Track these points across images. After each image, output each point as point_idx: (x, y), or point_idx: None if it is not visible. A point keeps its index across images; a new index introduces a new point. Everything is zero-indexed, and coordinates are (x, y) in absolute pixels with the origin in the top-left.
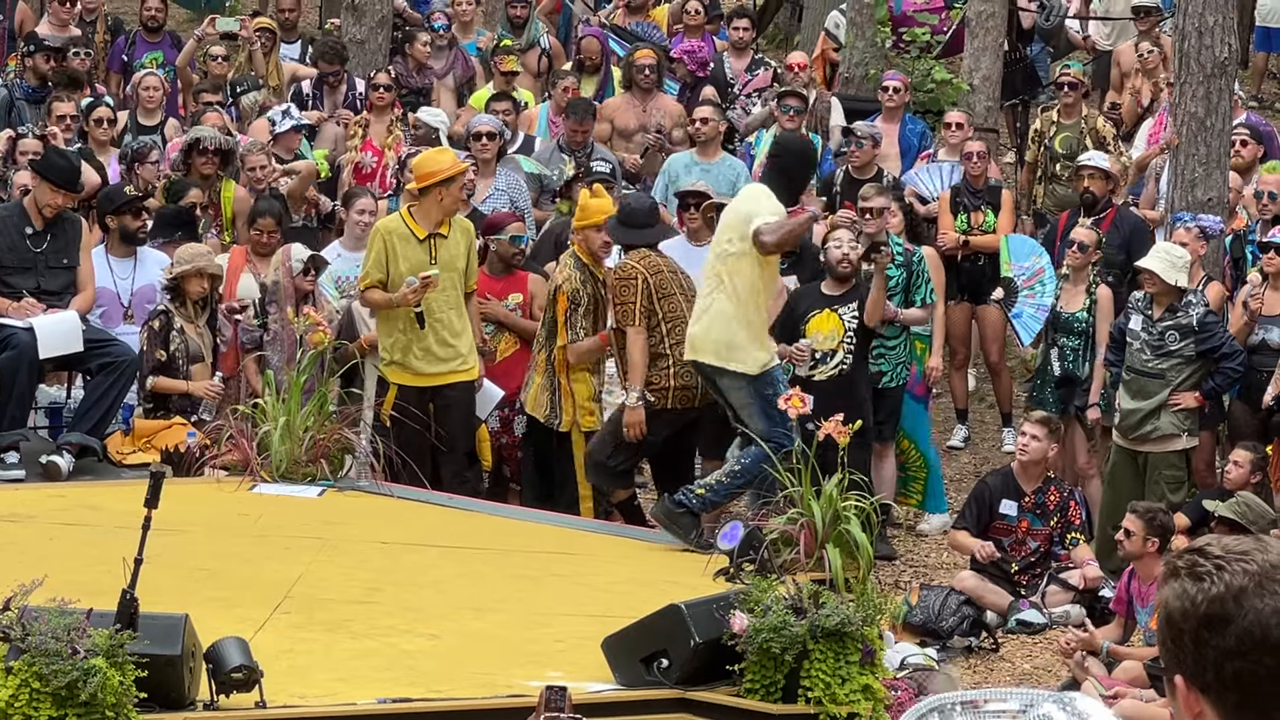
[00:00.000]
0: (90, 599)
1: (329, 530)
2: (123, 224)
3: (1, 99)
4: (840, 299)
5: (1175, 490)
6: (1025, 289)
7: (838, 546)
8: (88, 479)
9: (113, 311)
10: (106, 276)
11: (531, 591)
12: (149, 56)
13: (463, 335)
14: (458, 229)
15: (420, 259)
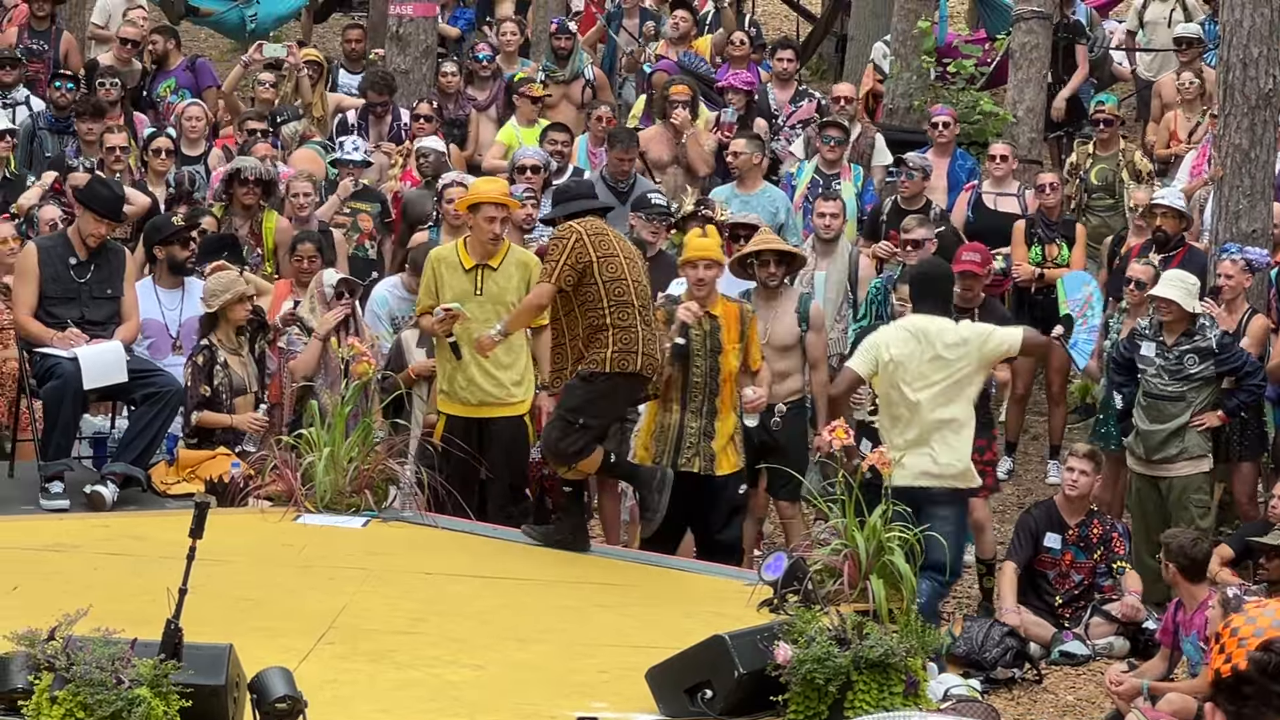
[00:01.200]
0: (135, 629)
1: (373, 561)
2: (171, 254)
3: (25, 128)
4: None
5: (1204, 516)
6: (1079, 318)
7: (881, 578)
8: (132, 509)
9: (160, 342)
10: (154, 307)
11: (575, 622)
12: (164, 85)
13: (511, 368)
14: (513, 262)
15: (464, 289)
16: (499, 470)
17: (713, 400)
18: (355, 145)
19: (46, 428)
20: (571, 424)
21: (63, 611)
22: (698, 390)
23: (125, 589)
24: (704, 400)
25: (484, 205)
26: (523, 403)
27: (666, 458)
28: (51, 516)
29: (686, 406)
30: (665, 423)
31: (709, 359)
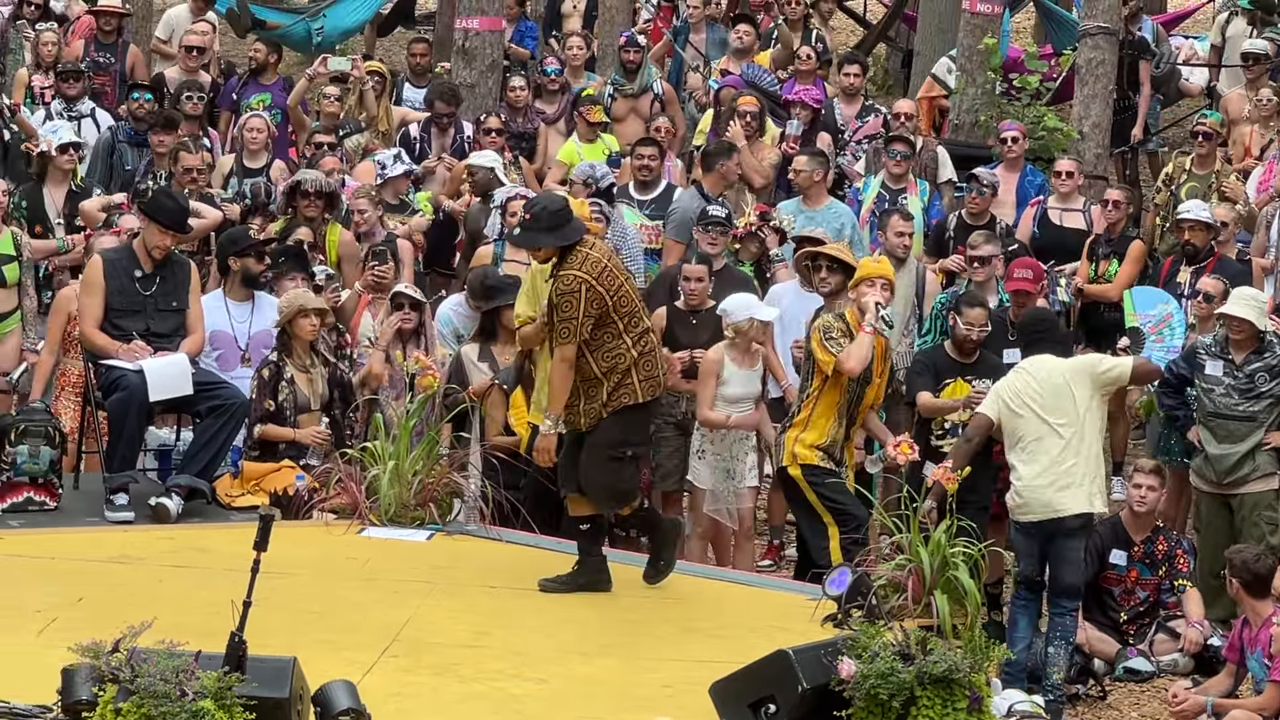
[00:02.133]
0: (199, 641)
1: (437, 574)
2: (245, 267)
3: (104, 142)
4: (972, 368)
5: (1273, 533)
6: (1152, 335)
7: (946, 593)
8: (196, 521)
9: (229, 355)
10: (224, 320)
11: (639, 636)
12: (256, 98)
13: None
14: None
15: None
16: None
17: (849, 429)
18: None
19: (111, 440)
20: (620, 459)
21: (127, 624)
22: (842, 416)
23: (190, 601)
24: (843, 428)
25: None
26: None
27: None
28: (116, 529)
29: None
30: (833, 440)
31: (857, 386)
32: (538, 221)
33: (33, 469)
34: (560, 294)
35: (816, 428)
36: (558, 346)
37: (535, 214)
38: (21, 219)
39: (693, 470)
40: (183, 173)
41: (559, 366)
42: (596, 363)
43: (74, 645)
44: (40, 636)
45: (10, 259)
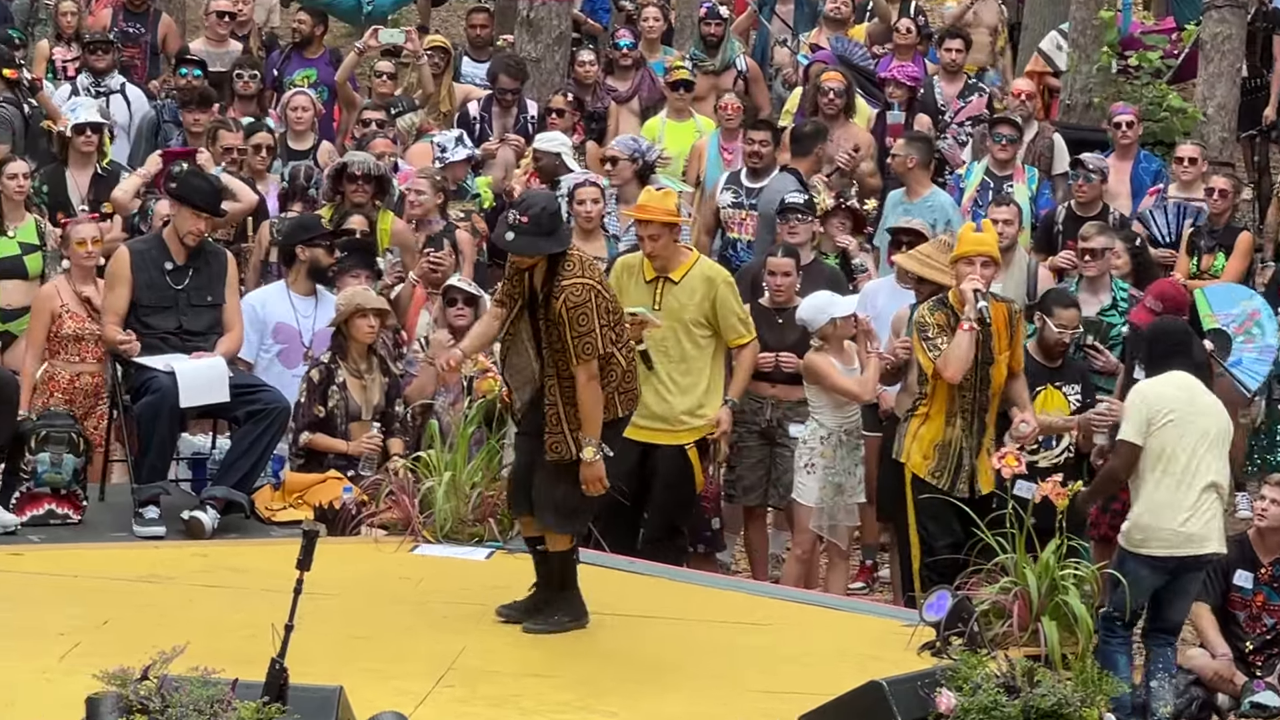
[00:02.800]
0: (235, 668)
1: (497, 596)
2: (315, 258)
3: (148, 120)
4: (1060, 373)
5: None
6: (1239, 335)
7: (1054, 619)
8: (233, 537)
9: (293, 350)
10: (288, 312)
11: (719, 665)
12: (301, 74)
13: (687, 393)
14: (697, 277)
15: (643, 300)
16: (658, 504)
17: (981, 416)
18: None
19: (141, 448)
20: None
21: (157, 649)
22: (966, 405)
23: (225, 625)
24: (973, 417)
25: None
26: (689, 431)
27: (946, 477)
28: (145, 544)
29: (963, 425)
30: (948, 437)
31: (978, 370)
32: (537, 225)
33: (55, 479)
34: (573, 307)
35: (934, 423)
36: (580, 366)
37: (534, 216)
38: (43, 205)
39: (799, 487)
40: (222, 152)
41: (587, 386)
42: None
43: (99, 672)
44: (62, 662)
45: (34, 248)
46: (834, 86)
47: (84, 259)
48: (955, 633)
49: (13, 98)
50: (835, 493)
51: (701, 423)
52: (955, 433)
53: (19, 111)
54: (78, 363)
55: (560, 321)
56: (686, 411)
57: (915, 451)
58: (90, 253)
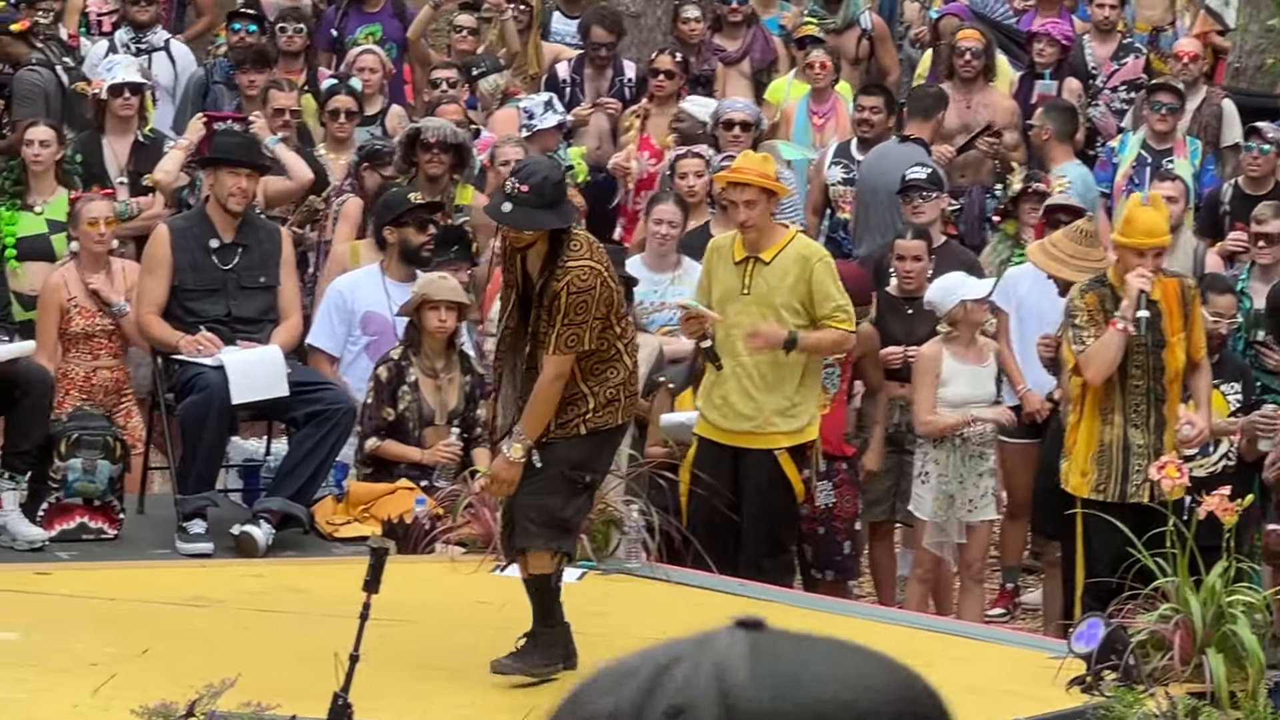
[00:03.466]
0: (293, 704)
1: (590, 622)
2: (404, 238)
3: (197, 81)
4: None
5: None
6: None
7: (1221, 651)
8: (290, 555)
9: (384, 343)
10: (381, 300)
11: None
12: (364, 31)
13: (776, 391)
14: (791, 255)
15: (731, 284)
16: (754, 514)
17: (1159, 409)
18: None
19: (185, 453)
20: (577, 483)
21: (204, 681)
22: (1140, 397)
23: (282, 654)
24: (1149, 410)
25: (729, 187)
26: (782, 435)
27: (1113, 486)
28: (191, 563)
29: (1129, 419)
30: (1106, 439)
31: (1149, 356)
32: (539, 195)
33: (88, 488)
34: (575, 293)
35: (1088, 428)
36: (555, 357)
37: (535, 185)
38: (76, 177)
39: (915, 498)
40: (273, 115)
41: (553, 383)
42: (585, 375)
43: (138, 707)
44: (96, 696)
45: (63, 227)
46: (971, 46)
47: (94, 242)
48: (1108, 666)
49: (45, 59)
50: (948, 505)
51: (795, 425)
52: (1115, 433)
53: (53, 75)
54: (91, 359)
55: (556, 307)
56: (777, 411)
57: (1073, 472)
58: (103, 235)
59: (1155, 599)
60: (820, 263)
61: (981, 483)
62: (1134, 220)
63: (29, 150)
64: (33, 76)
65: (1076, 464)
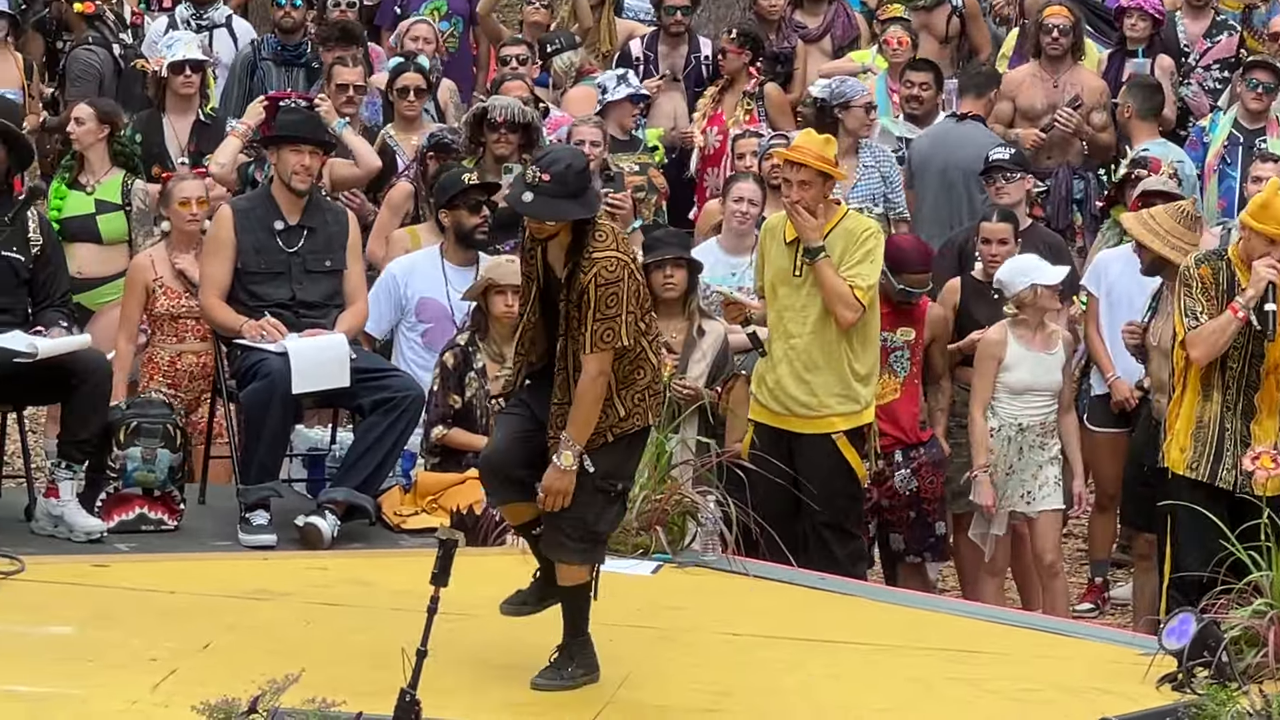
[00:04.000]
0: (359, 701)
1: (665, 617)
2: (456, 221)
3: (244, 59)
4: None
5: None
6: None
7: None
8: (356, 547)
9: (442, 331)
10: (439, 286)
11: (923, 700)
12: (429, 5)
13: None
14: (840, 233)
15: (782, 265)
16: (816, 501)
17: (1251, 395)
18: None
19: (247, 442)
20: (609, 493)
21: (267, 677)
22: (1233, 381)
23: (347, 649)
24: (1238, 395)
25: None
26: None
27: (1205, 465)
28: (253, 555)
29: (1225, 400)
30: (1205, 416)
31: (1251, 341)
32: (561, 184)
33: (147, 478)
34: (604, 285)
35: (1189, 401)
36: (594, 355)
37: (557, 174)
38: (135, 157)
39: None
40: (336, 90)
41: (595, 381)
42: (615, 375)
43: (199, 704)
44: (156, 692)
45: (113, 208)
46: (1059, 23)
47: (187, 222)
48: (1200, 663)
49: (101, 37)
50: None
51: (852, 407)
52: (1214, 409)
53: (109, 54)
54: (176, 342)
55: (585, 302)
56: (832, 393)
57: (1174, 446)
58: (195, 215)
59: (1249, 594)
60: (866, 233)
61: (1042, 473)
62: (1271, 206)
63: (76, 128)
64: (88, 56)
65: (1177, 439)
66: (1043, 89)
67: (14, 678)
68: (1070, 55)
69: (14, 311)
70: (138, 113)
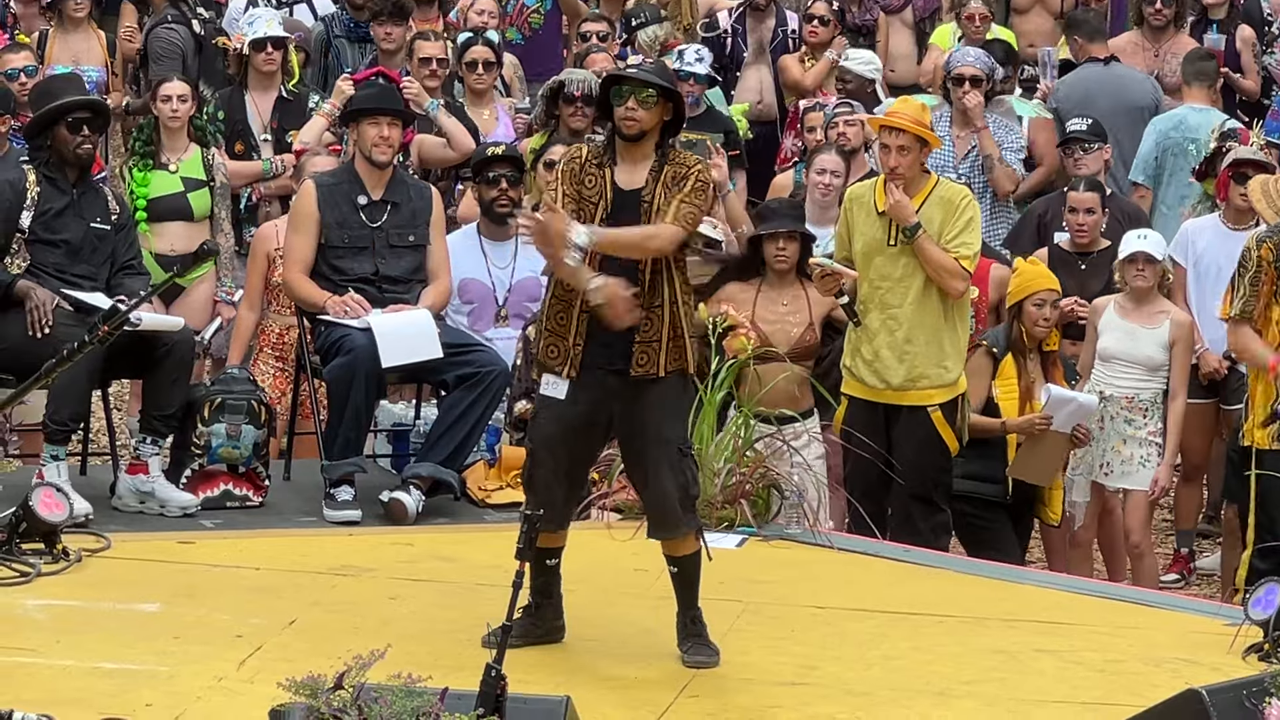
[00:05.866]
0: (445, 676)
1: (750, 590)
2: (480, 194)
3: (317, 36)
4: None
5: None
6: None
7: None
8: (442, 522)
9: (484, 309)
10: (478, 265)
11: (1010, 672)
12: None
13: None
14: (935, 202)
15: (874, 235)
16: (908, 475)
17: None
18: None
19: (332, 418)
20: (691, 456)
21: (352, 653)
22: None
23: (432, 624)
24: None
25: (882, 130)
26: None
27: None
28: (338, 531)
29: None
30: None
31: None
32: (663, 72)
33: (232, 454)
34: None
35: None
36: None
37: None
38: (218, 135)
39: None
40: (419, 65)
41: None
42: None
43: (285, 680)
44: (242, 669)
45: (200, 184)
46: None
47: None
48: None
49: (179, 14)
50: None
51: (948, 378)
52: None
53: (189, 31)
54: (290, 314)
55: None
56: (931, 363)
57: (1254, 421)
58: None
59: None
60: (964, 201)
61: (1126, 449)
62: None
63: (165, 107)
64: (169, 34)
65: (1256, 415)
66: (1143, 57)
67: (102, 655)
68: (1173, 25)
69: (97, 279)
70: (220, 89)
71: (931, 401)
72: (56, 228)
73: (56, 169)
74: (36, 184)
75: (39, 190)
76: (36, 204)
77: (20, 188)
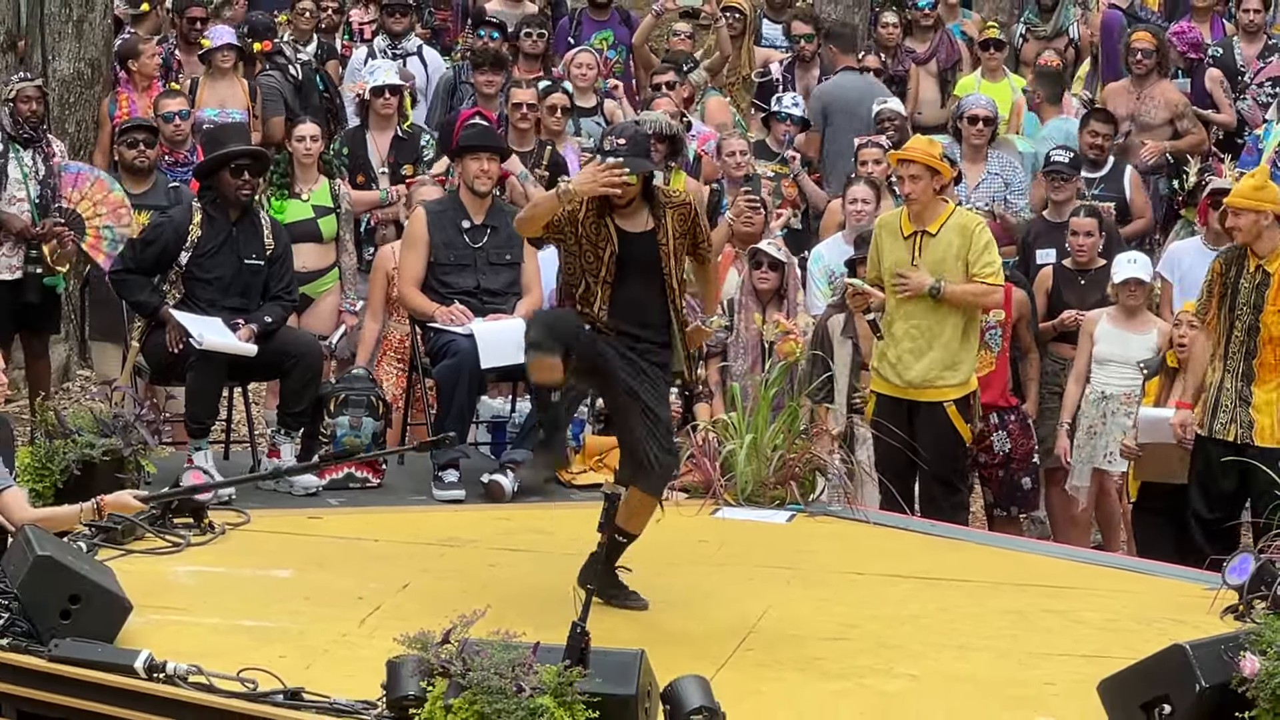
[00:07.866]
0: (537, 632)
1: (798, 559)
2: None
3: (445, 81)
4: None
5: None
6: None
7: None
8: (534, 500)
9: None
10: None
11: (1020, 629)
12: (598, 36)
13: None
14: (953, 227)
15: (900, 258)
16: (930, 460)
17: (1249, 361)
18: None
19: (440, 411)
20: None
21: (458, 612)
22: (1236, 347)
23: (526, 588)
24: (1240, 362)
25: (899, 162)
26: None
27: (1206, 419)
28: (445, 508)
29: (1226, 364)
30: (1209, 380)
31: (1249, 314)
32: (635, 145)
33: (354, 442)
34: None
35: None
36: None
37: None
38: (342, 168)
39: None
40: (512, 108)
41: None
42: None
43: (400, 636)
44: (363, 626)
45: (328, 211)
46: (1143, 47)
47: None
48: (1258, 596)
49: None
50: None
51: (959, 378)
52: (1217, 375)
53: (284, 76)
54: (407, 323)
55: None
56: (945, 366)
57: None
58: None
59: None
60: (979, 227)
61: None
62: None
63: (299, 145)
64: (268, 80)
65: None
66: (1126, 99)
67: (242, 614)
68: (1155, 73)
69: (249, 309)
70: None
71: (947, 398)
72: (209, 266)
73: (219, 208)
74: (199, 226)
75: (200, 231)
76: (196, 245)
77: (183, 230)
